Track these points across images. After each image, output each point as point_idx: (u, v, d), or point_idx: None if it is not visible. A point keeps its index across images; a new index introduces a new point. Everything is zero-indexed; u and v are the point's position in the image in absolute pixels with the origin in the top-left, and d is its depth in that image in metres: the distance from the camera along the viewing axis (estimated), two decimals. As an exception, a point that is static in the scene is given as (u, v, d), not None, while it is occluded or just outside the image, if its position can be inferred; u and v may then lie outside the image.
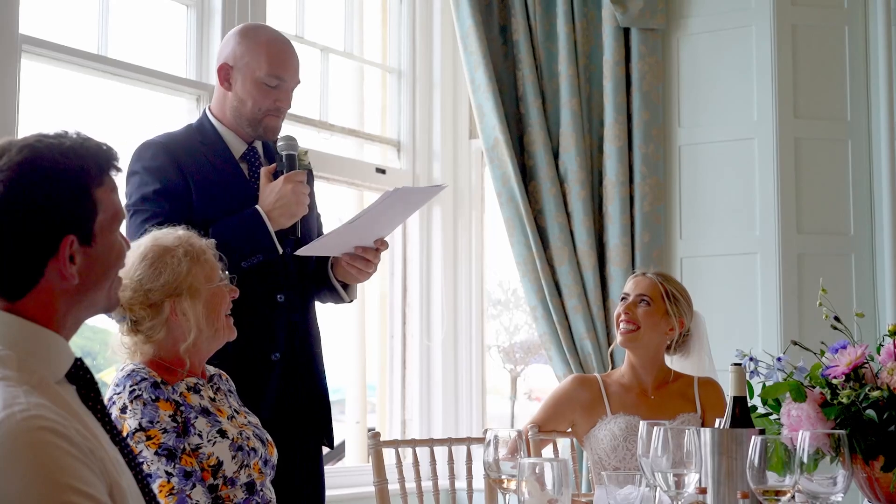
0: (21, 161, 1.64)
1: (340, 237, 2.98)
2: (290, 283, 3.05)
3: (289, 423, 2.98)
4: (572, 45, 4.71)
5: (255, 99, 3.04)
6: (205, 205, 2.94)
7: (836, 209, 4.55)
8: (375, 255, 3.05)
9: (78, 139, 1.71)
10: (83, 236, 1.67)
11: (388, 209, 2.95)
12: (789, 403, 2.44)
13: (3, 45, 3.33)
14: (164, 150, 2.99)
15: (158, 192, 2.93)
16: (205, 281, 2.50)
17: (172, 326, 2.47)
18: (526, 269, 4.63)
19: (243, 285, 2.84)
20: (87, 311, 1.73)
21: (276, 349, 2.98)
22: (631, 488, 2.14)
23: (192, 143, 3.05)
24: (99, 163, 1.71)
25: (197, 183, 2.96)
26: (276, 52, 3.06)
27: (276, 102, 3.05)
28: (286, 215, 2.95)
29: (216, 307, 2.52)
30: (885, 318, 4.38)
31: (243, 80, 3.05)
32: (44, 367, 1.63)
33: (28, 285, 1.65)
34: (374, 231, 3.01)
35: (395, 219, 3.10)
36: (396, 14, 5.06)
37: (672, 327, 3.49)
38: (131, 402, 2.37)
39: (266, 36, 3.10)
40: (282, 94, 3.06)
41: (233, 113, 3.08)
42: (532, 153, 4.71)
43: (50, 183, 1.64)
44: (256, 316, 2.95)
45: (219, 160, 3.04)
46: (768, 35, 4.56)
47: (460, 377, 5.04)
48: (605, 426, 3.42)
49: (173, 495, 2.32)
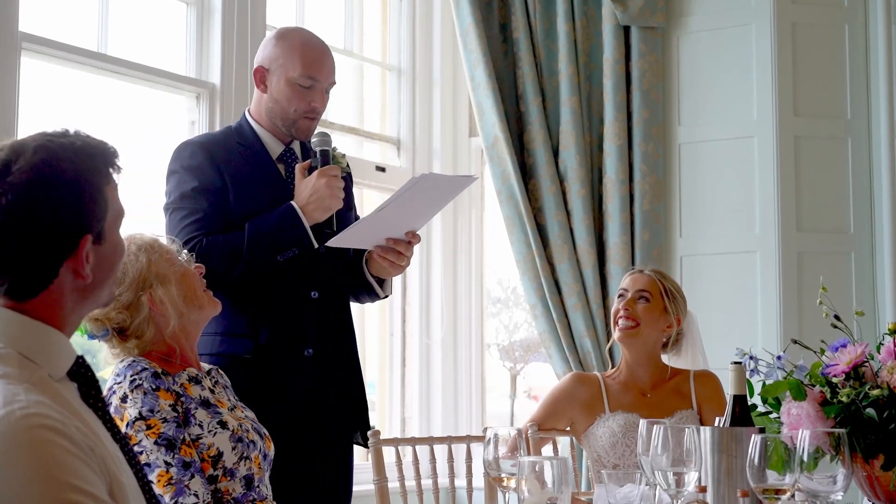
0: (38, 162, 1.63)
1: (370, 228, 2.98)
2: (324, 281, 3.08)
3: (321, 419, 3.02)
4: (572, 43, 4.71)
5: (290, 100, 3.07)
6: (242, 203, 3.00)
7: (835, 207, 4.55)
8: (408, 247, 3.05)
9: (82, 137, 1.71)
10: (97, 235, 1.68)
11: (417, 196, 2.94)
12: (789, 402, 2.44)
13: (3, 42, 3.32)
14: (202, 148, 3.06)
15: (197, 189, 3.00)
16: (168, 265, 2.52)
17: (157, 318, 2.49)
18: (526, 268, 4.63)
19: (278, 281, 2.99)
20: (90, 306, 1.74)
21: (309, 345, 3.02)
22: (631, 487, 2.14)
23: (230, 143, 3.11)
24: (106, 161, 1.72)
25: (234, 181, 3.02)
26: (310, 53, 3.09)
27: (310, 104, 3.07)
28: (320, 209, 2.98)
29: (190, 285, 2.54)
30: (885, 317, 4.38)
31: (278, 81, 3.09)
32: (45, 365, 1.63)
33: (41, 286, 1.64)
34: (405, 223, 3.01)
35: (425, 210, 3.08)
36: (396, 12, 5.06)
37: (669, 324, 3.49)
38: (132, 392, 2.38)
39: (300, 38, 3.13)
40: (316, 94, 3.08)
41: (268, 114, 3.12)
42: (532, 151, 4.71)
43: (69, 183, 1.64)
44: (290, 311, 3.01)
45: (256, 160, 3.08)
46: (768, 33, 4.56)
47: (460, 375, 5.05)
48: (604, 423, 3.42)
49: (171, 485, 2.33)
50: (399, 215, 2.97)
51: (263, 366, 2.95)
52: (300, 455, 3.02)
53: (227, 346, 2.98)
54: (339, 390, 3.09)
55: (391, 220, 2.98)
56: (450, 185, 3.16)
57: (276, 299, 2.91)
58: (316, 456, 3.03)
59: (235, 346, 2.97)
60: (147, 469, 2.33)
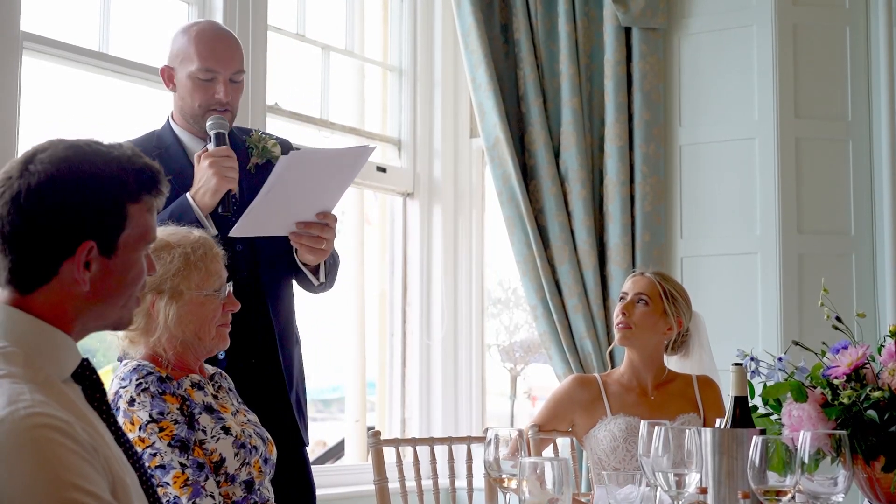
0: (63, 157, 1.65)
1: (266, 213, 2.86)
2: (239, 279, 2.95)
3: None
4: (573, 44, 4.71)
5: (192, 95, 3.00)
6: None
7: (836, 209, 4.55)
8: (322, 229, 2.93)
9: (127, 153, 1.71)
10: (104, 246, 1.67)
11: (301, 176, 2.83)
12: (790, 403, 2.44)
13: (5, 42, 3.33)
14: None
15: None
16: (194, 287, 2.47)
17: (149, 319, 2.47)
18: (526, 268, 4.63)
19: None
20: (96, 322, 1.72)
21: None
22: (631, 488, 2.14)
23: (146, 149, 2.99)
24: (141, 179, 1.71)
25: None
26: (205, 44, 2.99)
27: (213, 96, 2.98)
28: (209, 192, 2.88)
29: (201, 316, 2.48)
30: (886, 319, 4.38)
31: (180, 77, 3.02)
32: (50, 365, 1.63)
33: (41, 280, 1.65)
34: (310, 204, 2.91)
35: (328, 188, 2.94)
36: (397, 12, 5.06)
37: (670, 327, 3.49)
38: (139, 395, 2.37)
39: (197, 30, 3.03)
40: (218, 86, 2.98)
41: (181, 113, 3.06)
42: (533, 152, 4.71)
43: (83, 185, 1.64)
44: None
45: (171, 163, 2.97)
46: (769, 35, 4.55)
47: (460, 376, 5.04)
48: (605, 427, 3.42)
49: (188, 486, 2.32)
50: (293, 197, 2.85)
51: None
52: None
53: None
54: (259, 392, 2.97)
55: (289, 203, 2.86)
56: (343, 160, 2.99)
57: None
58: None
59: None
60: (161, 471, 2.33)
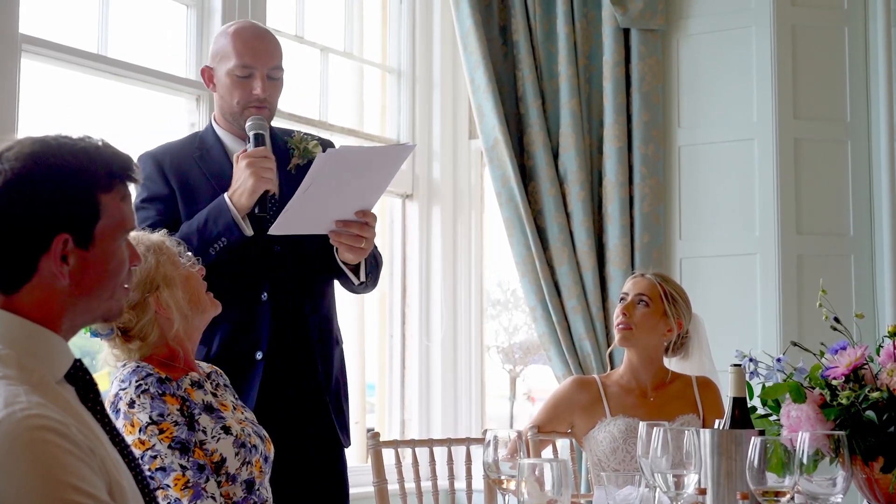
0: (30, 153, 1.65)
1: (305, 211, 2.85)
2: (276, 281, 3.00)
3: (278, 424, 2.90)
4: (572, 45, 4.71)
5: (231, 92, 3.02)
6: (191, 208, 2.98)
7: (835, 210, 4.55)
8: (361, 228, 2.92)
9: (95, 143, 1.71)
10: (80, 238, 1.66)
11: (340, 173, 2.82)
12: (789, 404, 2.44)
13: (4, 44, 3.33)
14: (152, 159, 3.06)
15: (146, 199, 3.01)
16: (173, 267, 2.51)
17: (161, 320, 2.48)
18: (525, 270, 4.63)
19: (227, 285, 2.86)
20: (84, 317, 1.72)
21: (259, 348, 2.96)
22: (630, 489, 2.14)
23: (188, 150, 3.08)
24: (111, 169, 1.70)
25: (181, 188, 3.01)
26: (242, 41, 3.01)
27: (251, 92, 3.00)
28: (246, 193, 2.89)
29: (193, 288, 2.54)
30: (885, 319, 4.38)
31: (219, 76, 3.05)
32: (43, 367, 1.63)
33: (22, 279, 1.65)
34: (349, 202, 2.90)
35: (368, 186, 2.93)
36: (396, 14, 5.06)
37: (670, 328, 3.49)
38: (138, 397, 2.37)
39: (234, 29, 3.06)
40: (256, 82, 3.00)
41: (221, 112, 3.09)
42: (532, 153, 4.71)
43: (52, 178, 1.64)
44: (240, 315, 2.95)
45: (212, 163, 3.04)
46: (768, 36, 4.56)
47: (459, 377, 5.04)
48: (605, 428, 3.42)
49: (189, 488, 2.32)
50: (331, 195, 2.85)
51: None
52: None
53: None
54: (295, 393, 3.02)
55: (327, 201, 2.86)
56: (382, 158, 2.98)
57: (226, 305, 2.72)
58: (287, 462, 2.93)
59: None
60: (162, 473, 2.33)
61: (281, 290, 3.01)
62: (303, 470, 3.03)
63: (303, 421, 3.05)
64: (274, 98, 3.07)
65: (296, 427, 3.02)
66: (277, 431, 2.79)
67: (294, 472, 3.00)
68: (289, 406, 3.01)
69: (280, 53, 3.08)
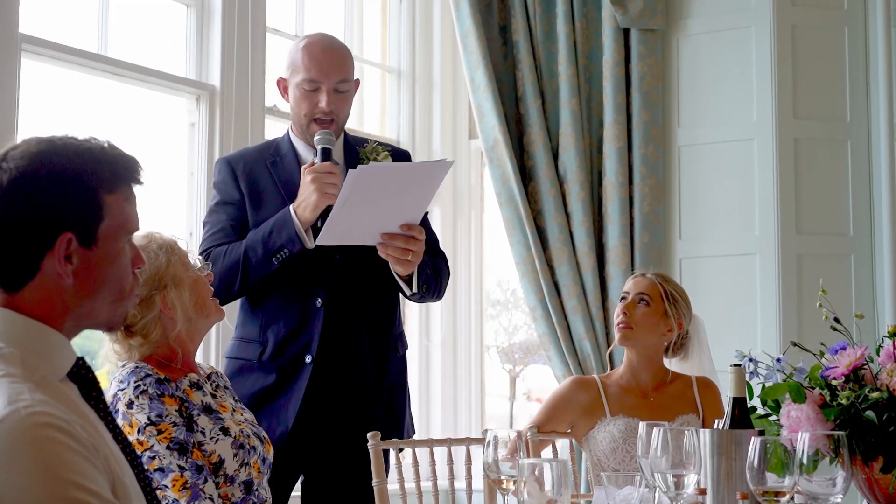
0: (36, 153, 1.66)
1: (347, 223, 2.92)
2: (332, 287, 3.08)
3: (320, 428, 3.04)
4: (572, 45, 4.71)
5: (299, 104, 3.12)
6: (260, 214, 3.08)
7: (835, 210, 4.55)
8: (407, 241, 2.99)
9: (101, 145, 1.72)
10: (84, 238, 1.66)
11: (376, 187, 2.87)
12: (789, 404, 2.44)
13: (4, 44, 3.33)
14: (226, 164, 3.18)
15: (219, 203, 3.14)
16: (184, 269, 2.53)
17: (165, 320, 2.49)
18: (525, 270, 4.63)
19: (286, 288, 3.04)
20: (86, 321, 1.71)
21: (309, 352, 3.04)
22: (630, 489, 2.14)
23: (263, 156, 3.19)
24: (116, 170, 1.71)
25: (250, 194, 3.11)
26: (310, 55, 3.10)
27: (317, 105, 3.09)
28: (309, 208, 2.97)
29: (201, 292, 2.56)
30: (885, 319, 4.39)
31: (291, 88, 3.14)
32: (46, 365, 1.63)
33: (25, 277, 1.65)
34: (393, 216, 2.96)
35: (409, 200, 2.98)
36: (396, 14, 5.06)
37: (670, 328, 3.49)
38: (137, 398, 2.38)
39: (306, 42, 3.16)
40: (321, 96, 3.08)
41: (294, 122, 3.18)
42: (531, 153, 4.71)
43: (57, 178, 1.65)
44: (294, 319, 3.05)
45: (283, 171, 3.13)
46: (768, 36, 4.56)
47: (459, 377, 5.04)
48: (605, 428, 3.42)
49: (187, 489, 2.33)
50: (371, 209, 2.91)
51: (269, 372, 3.04)
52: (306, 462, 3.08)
53: (240, 351, 3.11)
54: (340, 398, 3.10)
55: (369, 215, 2.92)
56: (418, 173, 3.02)
57: (282, 307, 2.99)
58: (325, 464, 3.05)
59: (247, 352, 3.09)
60: (160, 474, 2.33)
61: (336, 297, 3.09)
62: (336, 475, 3.12)
63: (346, 429, 3.10)
64: (341, 111, 3.15)
65: (336, 433, 3.09)
66: (320, 434, 2.97)
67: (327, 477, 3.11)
68: (333, 411, 3.09)
69: (348, 67, 3.16)
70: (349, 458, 3.12)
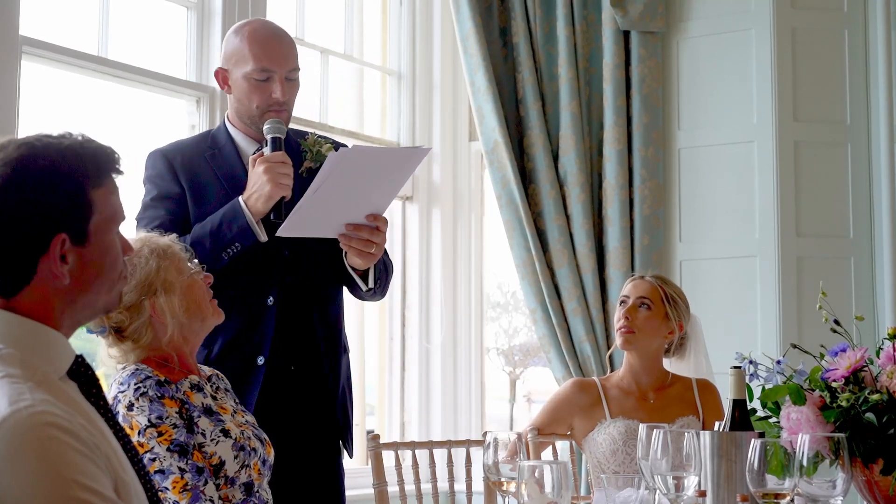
0: (17, 157, 1.64)
1: (315, 213, 2.80)
2: (284, 286, 2.95)
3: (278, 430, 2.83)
4: (572, 47, 4.71)
5: (249, 96, 2.96)
6: (202, 208, 2.93)
7: (835, 212, 4.55)
8: (372, 232, 2.85)
9: (78, 140, 1.71)
10: (76, 236, 1.66)
11: (352, 174, 2.76)
12: (789, 406, 2.44)
13: (4, 46, 3.33)
14: (163, 157, 3.01)
15: (155, 198, 2.96)
16: (176, 274, 2.50)
17: (156, 325, 2.47)
18: (525, 272, 4.63)
19: (235, 288, 2.85)
20: (84, 312, 1.72)
21: (261, 353, 2.91)
22: (630, 491, 2.14)
23: (200, 149, 3.03)
24: (98, 164, 1.70)
25: (192, 187, 2.96)
26: (259, 43, 2.96)
27: (271, 96, 2.95)
28: (262, 199, 2.82)
29: (194, 296, 2.51)
30: (885, 322, 4.38)
31: (235, 79, 2.99)
32: (46, 364, 1.63)
33: (21, 282, 1.65)
34: (360, 205, 2.84)
35: (379, 189, 2.86)
36: (396, 16, 5.06)
37: (671, 330, 3.49)
38: (137, 399, 2.37)
39: (249, 29, 3.00)
40: (274, 85, 2.95)
41: (237, 114, 3.03)
42: (532, 156, 4.71)
43: (43, 181, 1.64)
44: (244, 319, 2.91)
45: (223, 164, 3.00)
46: (768, 38, 4.56)
47: (459, 379, 5.04)
48: (605, 430, 3.42)
49: (188, 491, 2.32)
50: (342, 196, 2.78)
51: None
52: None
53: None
54: (298, 399, 2.97)
55: (338, 203, 2.80)
56: (396, 160, 2.92)
57: (229, 306, 2.68)
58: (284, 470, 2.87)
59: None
60: (160, 476, 2.33)
61: (288, 295, 2.96)
62: (299, 478, 2.99)
63: (304, 428, 3.00)
64: (292, 99, 3.02)
65: (296, 434, 2.97)
66: (277, 437, 2.74)
67: (290, 480, 2.95)
68: (290, 412, 2.97)
69: (296, 53, 3.04)
70: (312, 461, 3.00)
